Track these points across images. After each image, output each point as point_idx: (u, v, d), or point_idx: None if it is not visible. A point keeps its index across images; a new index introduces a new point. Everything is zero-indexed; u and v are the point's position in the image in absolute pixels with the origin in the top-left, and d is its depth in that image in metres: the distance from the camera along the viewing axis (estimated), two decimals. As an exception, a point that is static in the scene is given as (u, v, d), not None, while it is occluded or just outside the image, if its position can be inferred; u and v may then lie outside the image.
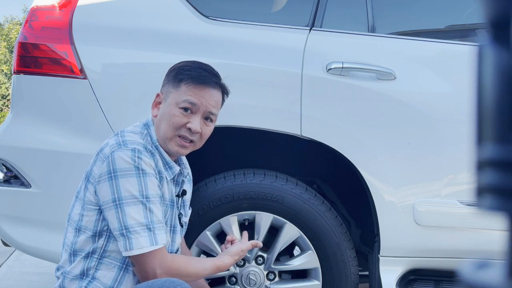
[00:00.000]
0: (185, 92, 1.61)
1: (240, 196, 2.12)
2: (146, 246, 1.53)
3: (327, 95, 2.14)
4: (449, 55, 2.21)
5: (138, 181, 1.52)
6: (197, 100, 1.61)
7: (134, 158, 1.53)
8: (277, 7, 2.43)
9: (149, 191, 1.54)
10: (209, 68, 1.69)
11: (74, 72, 2.13)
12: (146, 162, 1.54)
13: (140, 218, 1.53)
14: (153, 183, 1.56)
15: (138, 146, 1.56)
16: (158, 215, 1.56)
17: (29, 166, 2.17)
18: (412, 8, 2.43)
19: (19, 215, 2.20)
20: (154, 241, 1.54)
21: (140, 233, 1.52)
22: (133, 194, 1.52)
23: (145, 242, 1.53)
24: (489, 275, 0.38)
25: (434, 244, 2.15)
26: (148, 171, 1.54)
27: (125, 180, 1.52)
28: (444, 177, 2.14)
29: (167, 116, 1.61)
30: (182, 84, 1.62)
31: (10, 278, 3.56)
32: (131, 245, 1.52)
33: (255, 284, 2.18)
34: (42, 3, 2.17)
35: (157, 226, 1.56)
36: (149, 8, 2.24)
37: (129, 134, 1.62)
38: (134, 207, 1.52)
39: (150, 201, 1.54)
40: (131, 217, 1.52)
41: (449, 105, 2.14)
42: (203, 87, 1.63)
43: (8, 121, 2.22)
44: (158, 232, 1.55)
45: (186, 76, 1.63)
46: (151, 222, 1.54)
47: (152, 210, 1.54)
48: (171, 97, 1.63)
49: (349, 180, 2.25)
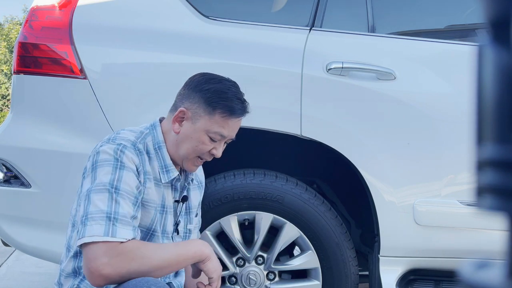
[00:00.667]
0: (218, 123, 1.55)
1: (240, 196, 2.13)
2: (98, 235, 1.35)
3: (327, 95, 2.14)
4: (449, 55, 2.21)
5: (113, 171, 1.44)
6: (228, 133, 1.58)
7: (116, 151, 1.47)
8: (277, 7, 2.43)
9: (122, 184, 1.43)
10: (241, 95, 1.61)
11: (74, 72, 2.13)
12: (128, 156, 1.47)
13: (102, 206, 1.39)
14: (130, 178, 1.45)
15: (125, 142, 1.51)
16: (126, 209, 1.42)
17: (29, 166, 2.17)
18: (412, 8, 2.43)
19: (19, 215, 2.20)
20: (110, 232, 1.37)
21: (97, 220, 1.38)
22: (103, 182, 1.42)
23: (99, 230, 1.36)
24: (489, 275, 0.38)
25: (434, 244, 2.15)
26: (127, 165, 1.46)
27: (101, 169, 1.45)
28: (444, 177, 2.14)
29: (193, 141, 1.55)
30: (216, 113, 1.54)
31: (10, 278, 3.56)
32: (84, 232, 1.37)
33: (255, 284, 2.19)
34: (42, 3, 2.17)
35: (121, 219, 1.40)
36: (149, 8, 2.24)
37: (124, 132, 1.57)
38: (99, 195, 1.41)
39: (119, 194, 1.42)
40: (94, 204, 1.40)
41: (449, 105, 2.14)
42: (236, 120, 1.58)
43: (8, 121, 2.22)
44: (120, 226, 1.39)
45: (222, 106, 1.54)
46: (114, 213, 1.39)
47: (119, 202, 1.41)
48: (201, 122, 1.55)
49: (349, 180, 2.25)
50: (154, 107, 2.13)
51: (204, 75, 1.62)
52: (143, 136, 1.59)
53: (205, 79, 1.59)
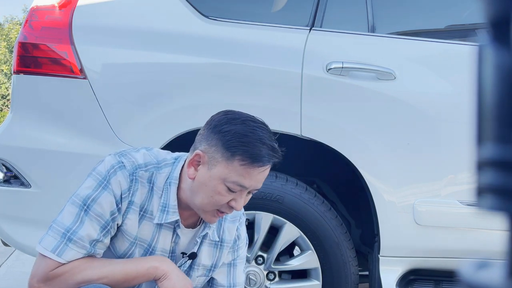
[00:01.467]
0: (237, 171, 1.31)
1: (240, 196, 2.12)
2: (47, 249, 1.35)
3: (327, 95, 2.14)
4: (449, 55, 2.21)
5: (95, 187, 1.36)
6: (248, 184, 1.33)
7: (111, 168, 1.38)
8: (277, 7, 2.43)
9: (96, 205, 1.35)
10: (269, 139, 1.36)
11: (74, 72, 2.13)
12: (117, 179, 1.36)
13: (67, 220, 1.36)
14: (106, 202, 1.36)
15: (127, 162, 1.39)
16: (86, 231, 1.35)
17: (29, 166, 2.17)
18: (412, 8, 2.43)
19: (19, 215, 2.20)
20: (58, 250, 1.34)
21: (55, 232, 1.36)
22: (81, 195, 1.37)
23: (51, 244, 1.35)
24: (489, 275, 0.38)
25: (434, 244, 2.15)
26: (112, 188, 1.36)
27: (89, 179, 1.39)
28: (444, 177, 2.14)
29: (209, 190, 1.33)
30: (235, 160, 1.31)
31: (10, 278, 3.56)
32: (42, 240, 1.38)
33: (255, 284, 2.18)
34: (42, 3, 2.17)
35: (76, 240, 1.34)
36: (149, 8, 2.24)
37: (142, 151, 1.44)
38: (71, 207, 1.37)
39: (88, 214, 1.35)
40: (62, 214, 1.38)
41: (449, 105, 2.14)
42: (259, 168, 1.32)
43: (8, 121, 2.22)
44: (71, 246, 1.34)
45: (241, 151, 1.30)
46: (73, 232, 1.34)
47: (84, 222, 1.35)
48: (218, 168, 1.32)
49: (349, 180, 2.25)
50: (154, 107, 2.13)
51: (227, 113, 1.37)
52: (161, 165, 1.42)
53: (226, 119, 1.35)
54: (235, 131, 1.32)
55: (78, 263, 1.36)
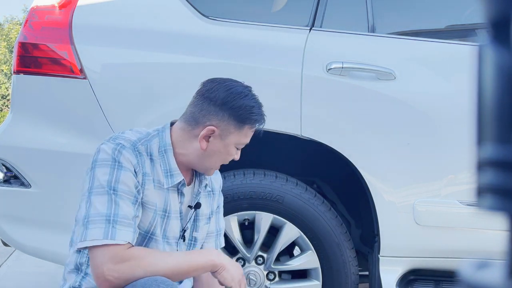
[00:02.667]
0: (245, 134, 1.57)
1: (240, 196, 2.13)
2: (98, 238, 1.40)
3: (327, 95, 2.14)
4: (449, 55, 2.21)
5: (111, 171, 1.45)
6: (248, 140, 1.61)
7: (114, 151, 1.47)
8: (277, 7, 2.43)
9: (120, 184, 1.44)
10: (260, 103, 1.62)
11: (74, 72, 2.13)
12: (125, 157, 1.47)
13: (102, 209, 1.42)
14: (127, 178, 1.46)
15: (124, 142, 1.49)
16: (125, 210, 1.44)
17: (29, 166, 2.17)
18: (412, 8, 2.43)
19: (19, 215, 2.20)
20: (109, 235, 1.40)
21: (97, 223, 1.41)
22: (102, 183, 1.44)
23: (99, 233, 1.40)
24: (489, 275, 0.38)
25: (434, 244, 2.15)
26: (125, 165, 1.46)
27: (98, 170, 1.46)
28: (444, 177, 2.14)
29: (223, 154, 1.57)
30: (245, 127, 1.56)
31: (10, 278, 3.56)
32: (85, 235, 1.41)
33: (255, 284, 2.18)
34: (42, 3, 2.17)
35: (120, 221, 1.42)
36: (149, 8, 2.24)
37: (128, 132, 1.57)
38: (99, 197, 1.43)
39: (118, 195, 1.44)
40: (94, 206, 1.43)
41: (449, 105, 2.14)
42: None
43: (8, 121, 2.22)
44: (119, 227, 1.41)
45: (252, 120, 1.56)
46: (114, 215, 1.42)
47: (118, 203, 1.43)
48: (231, 137, 1.55)
49: (349, 180, 2.25)
50: (154, 107, 2.13)
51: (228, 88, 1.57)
52: (149, 138, 1.56)
53: (232, 95, 1.55)
54: (245, 106, 1.55)
55: (143, 252, 1.46)
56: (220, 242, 1.77)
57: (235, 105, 1.54)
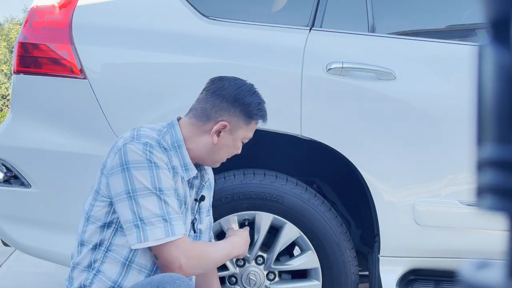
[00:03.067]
0: (252, 129, 1.71)
1: (240, 196, 2.13)
2: (161, 238, 1.53)
3: (327, 95, 2.14)
4: (449, 55, 2.21)
5: (151, 173, 1.53)
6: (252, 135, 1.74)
7: (145, 151, 1.54)
8: (277, 7, 2.43)
9: (163, 183, 1.55)
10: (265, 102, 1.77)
11: (74, 72, 2.13)
12: (157, 156, 1.55)
13: (155, 210, 1.53)
14: (166, 176, 1.56)
15: (150, 140, 1.57)
16: (174, 207, 1.57)
17: (29, 166, 2.17)
18: (412, 8, 2.43)
19: (19, 215, 2.20)
20: (170, 232, 1.54)
21: (155, 224, 1.53)
22: (146, 186, 1.53)
23: (161, 233, 1.53)
24: (489, 275, 0.38)
25: (434, 244, 2.15)
26: (160, 164, 1.55)
27: (137, 172, 1.53)
28: (444, 177, 2.14)
29: (231, 148, 1.69)
30: (252, 122, 1.70)
31: (10, 278, 3.56)
32: (145, 237, 1.52)
33: (255, 284, 2.18)
34: (42, 3, 2.17)
35: (174, 217, 1.56)
36: (149, 8, 2.24)
37: (145, 129, 1.63)
38: (148, 199, 1.53)
39: (164, 194, 1.55)
40: (146, 208, 1.53)
41: (449, 105, 2.14)
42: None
43: (8, 121, 2.22)
44: (175, 223, 1.55)
45: (259, 116, 1.71)
46: (167, 213, 1.54)
47: (167, 201, 1.55)
48: (240, 132, 1.69)
49: (349, 180, 2.25)
50: (154, 107, 2.13)
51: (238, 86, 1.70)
52: (162, 134, 1.65)
53: (242, 92, 1.68)
54: (254, 103, 1.69)
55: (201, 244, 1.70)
56: (211, 235, 1.93)
57: (246, 101, 1.67)
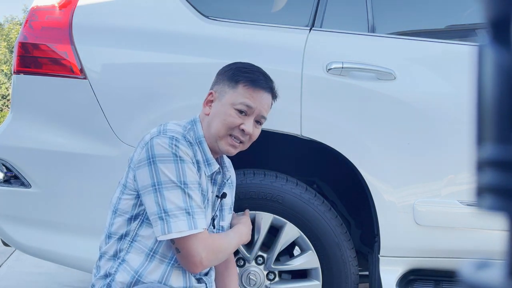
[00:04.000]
0: (243, 94, 1.65)
1: (240, 196, 2.12)
2: (185, 230, 1.56)
3: (327, 95, 2.14)
4: (449, 55, 2.21)
5: (176, 167, 1.56)
6: (253, 104, 1.66)
7: (171, 145, 1.57)
8: (277, 7, 2.43)
9: (187, 177, 1.57)
10: (265, 72, 1.74)
11: (74, 72, 2.13)
12: (183, 150, 1.58)
13: (179, 203, 1.56)
14: (191, 170, 1.59)
15: (176, 134, 1.60)
16: (197, 201, 1.59)
17: (29, 166, 2.17)
18: (412, 8, 2.43)
19: (19, 215, 2.20)
20: (193, 225, 1.57)
21: (179, 217, 1.56)
22: (172, 179, 1.56)
23: (184, 225, 1.56)
24: (489, 275, 0.38)
25: (434, 244, 2.15)
26: (186, 159, 1.58)
27: (163, 166, 1.56)
28: (444, 177, 2.14)
29: (222, 115, 1.65)
30: (239, 86, 1.66)
31: (10, 278, 3.57)
32: (169, 228, 1.56)
33: (255, 284, 2.18)
34: (42, 3, 2.17)
35: (196, 211, 1.58)
36: (149, 8, 2.24)
37: (171, 125, 1.66)
38: (173, 192, 1.56)
39: (188, 187, 1.57)
40: (170, 201, 1.56)
41: (449, 105, 2.14)
42: (259, 91, 1.67)
43: (8, 121, 2.22)
44: (197, 217, 1.58)
45: (244, 78, 1.66)
46: (190, 207, 1.57)
47: (191, 195, 1.58)
48: (227, 97, 1.66)
49: (349, 180, 2.25)
50: (154, 107, 2.13)
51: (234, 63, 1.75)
52: (188, 130, 1.68)
53: (232, 65, 1.73)
54: (237, 67, 1.70)
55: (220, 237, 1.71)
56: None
57: (232, 68, 1.71)
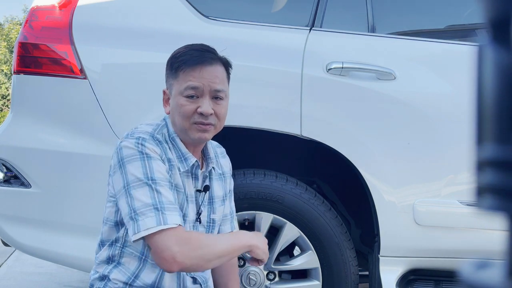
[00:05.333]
0: (184, 79, 1.58)
1: (240, 196, 2.12)
2: (152, 226, 1.48)
3: (327, 95, 2.14)
4: (449, 55, 2.21)
5: (142, 164, 1.52)
6: (198, 83, 1.57)
7: (137, 145, 1.54)
8: (277, 7, 2.43)
9: (155, 173, 1.52)
10: (200, 46, 1.64)
11: (74, 72, 2.13)
12: (149, 147, 1.54)
13: (147, 199, 1.50)
14: (159, 166, 1.54)
15: (143, 134, 1.57)
16: (167, 196, 1.53)
17: (29, 166, 2.17)
18: (412, 8, 2.43)
19: (19, 215, 2.20)
20: (162, 221, 1.49)
21: (146, 214, 1.49)
22: (138, 177, 1.51)
23: (152, 222, 1.49)
24: (489, 275, 0.38)
25: (434, 244, 2.15)
26: (153, 155, 1.54)
27: (130, 165, 1.53)
28: (444, 177, 2.14)
29: (176, 108, 1.60)
30: (179, 73, 1.59)
31: (10, 278, 3.56)
32: (138, 227, 1.49)
33: (255, 284, 2.18)
34: (42, 3, 2.17)
35: (167, 207, 1.51)
36: (149, 8, 2.24)
37: (141, 126, 1.64)
38: (140, 190, 1.51)
39: (156, 183, 1.52)
40: (138, 199, 1.50)
41: (449, 105, 2.14)
42: (199, 68, 1.58)
43: (8, 121, 2.22)
44: (167, 212, 1.51)
45: (179, 62, 1.59)
46: (159, 202, 1.51)
47: (160, 191, 1.52)
48: (174, 89, 1.61)
49: (349, 180, 2.25)
50: (154, 107, 2.13)
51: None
52: (160, 128, 1.64)
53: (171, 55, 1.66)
54: (172, 55, 1.62)
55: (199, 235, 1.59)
56: (235, 225, 1.85)
57: (168, 61, 1.64)
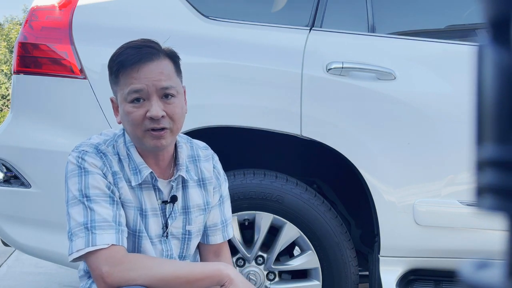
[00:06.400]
0: (125, 82, 1.42)
1: (240, 196, 2.13)
2: (81, 248, 1.40)
3: (327, 95, 2.14)
4: (449, 55, 2.21)
5: (79, 179, 1.44)
6: (140, 85, 1.41)
7: (78, 159, 1.46)
8: (277, 7, 2.43)
9: (90, 190, 1.43)
10: (138, 42, 1.49)
11: (74, 72, 2.13)
12: (89, 161, 1.45)
13: (79, 218, 1.41)
14: (96, 181, 1.43)
15: (87, 147, 1.47)
16: (101, 214, 1.41)
17: (29, 166, 2.17)
18: (412, 8, 2.43)
19: (19, 215, 2.20)
20: (90, 242, 1.39)
21: (78, 234, 1.41)
22: (74, 194, 1.44)
23: (81, 243, 1.40)
24: (489, 275, 0.38)
25: (434, 244, 2.15)
26: (91, 169, 1.44)
27: (70, 182, 1.47)
28: (444, 177, 2.14)
29: (125, 117, 1.44)
30: (119, 77, 1.43)
31: (10, 278, 3.56)
32: (71, 249, 1.42)
33: (255, 284, 2.18)
34: (42, 3, 2.17)
35: (98, 225, 1.40)
36: (149, 8, 2.24)
37: (94, 137, 1.54)
38: (75, 208, 1.44)
39: (90, 200, 1.42)
40: (73, 218, 1.43)
41: (449, 105, 2.14)
42: (138, 67, 1.42)
43: (8, 121, 2.22)
44: (98, 232, 1.40)
45: (117, 65, 1.44)
46: (91, 221, 1.40)
47: (93, 208, 1.41)
48: (118, 96, 1.46)
49: (349, 180, 2.25)
50: (154, 107, 2.13)
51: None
52: (115, 138, 1.52)
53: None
54: (110, 59, 1.48)
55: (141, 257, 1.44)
56: (228, 233, 1.68)
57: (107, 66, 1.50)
